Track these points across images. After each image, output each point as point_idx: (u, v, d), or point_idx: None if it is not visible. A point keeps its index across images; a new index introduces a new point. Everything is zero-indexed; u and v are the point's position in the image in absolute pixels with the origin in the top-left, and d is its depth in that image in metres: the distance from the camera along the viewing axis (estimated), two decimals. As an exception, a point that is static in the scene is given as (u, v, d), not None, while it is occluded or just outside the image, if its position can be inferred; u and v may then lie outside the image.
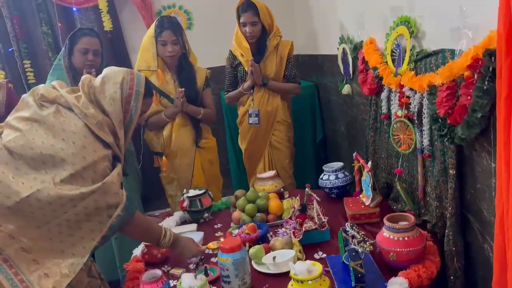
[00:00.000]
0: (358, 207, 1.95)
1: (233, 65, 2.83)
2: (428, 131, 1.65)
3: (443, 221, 1.66)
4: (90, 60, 2.38)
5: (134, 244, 2.50)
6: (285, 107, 2.88)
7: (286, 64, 2.78)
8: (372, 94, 2.09)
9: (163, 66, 2.61)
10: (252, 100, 2.77)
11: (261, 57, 2.72)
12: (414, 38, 1.73)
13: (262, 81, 2.69)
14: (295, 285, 1.37)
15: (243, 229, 1.87)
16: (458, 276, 1.57)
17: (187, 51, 2.66)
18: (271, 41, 2.73)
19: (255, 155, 2.91)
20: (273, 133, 2.84)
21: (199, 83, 2.65)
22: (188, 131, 2.66)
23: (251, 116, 2.78)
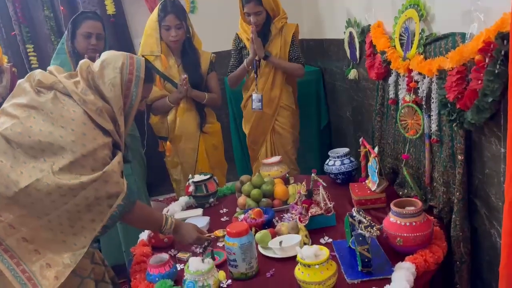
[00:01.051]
0: (364, 192, 1.95)
1: (238, 48, 2.81)
2: (436, 116, 1.64)
3: (450, 207, 1.66)
4: (93, 44, 2.36)
5: (140, 230, 2.51)
6: (290, 93, 2.85)
7: (290, 46, 2.74)
8: (380, 79, 2.07)
9: (167, 50, 2.59)
10: (256, 84, 2.75)
11: (266, 41, 2.69)
12: (423, 21, 1.70)
13: (264, 53, 2.66)
14: (302, 269, 1.38)
15: (249, 214, 1.88)
16: (464, 261, 1.58)
17: (191, 35, 2.63)
18: (275, 24, 2.69)
19: (258, 140, 2.90)
20: (277, 118, 2.83)
21: (203, 67, 2.63)
22: (192, 115, 2.65)
23: (254, 101, 2.76)
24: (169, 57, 2.60)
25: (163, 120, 2.67)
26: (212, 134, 2.74)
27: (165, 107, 2.62)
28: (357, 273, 1.45)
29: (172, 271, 1.54)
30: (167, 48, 2.59)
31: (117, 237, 2.56)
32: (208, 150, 2.73)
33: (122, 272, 2.61)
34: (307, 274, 1.35)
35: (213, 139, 2.75)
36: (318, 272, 1.34)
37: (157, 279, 1.50)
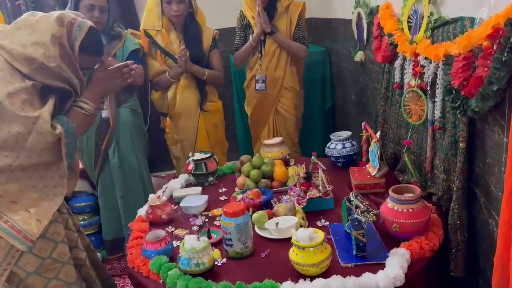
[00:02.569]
0: (363, 177, 1.94)
1: (243, 25, 2.76)
2: (440, 103, 1.61)
3: (449, 194, 1.64)
4: (96, 17, 2.32)
5: (139, 204, 2.53)
6: (294, 74, 2.81)
7: (296, 25, 2.69)
8: (386, 62, 2.03)
9: (169, 25, 2.56)
10: (260, 64, 2.71)
11: (271, 18, 2.64)
12: (432, 4, 1.65)
13: (271, 28, 2.61)
14: (296, 251, 1.38)
15: (247, 194, 1.88)
16: (460, 248, 1.57)
17: (194, 10, 2.58)
18: (282, 2, 2.64)
19: (260, 120, 2.88)
20: (280, 99, 2.80)
21: (205, 44, 2.59)
22: (192, 93, 2.63)
23: (258, 81, 2.74)
24: (171, 32, 2.57)
25: (164, 96, 2.66)
26: (212, 112, 2.72)
27: (166, 82, 2.60)
28: (352, 257, 1.46)
29: (168, 248, 1.55)
30: (169, 22, 2.55)
31: (117, 212, 2.58)
32: (208, 129, 2.72)
33: (122, 245, 2.64)
34: (301, 256, 1.36)
35: (213, 117, 2.74)
36: (312, 255, 1.35)
37: (153, 255, 1.51)
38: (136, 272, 1.52)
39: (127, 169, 2.54)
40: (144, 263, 1.51)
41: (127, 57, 2.44)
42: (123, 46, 2.46)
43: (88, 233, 2.71)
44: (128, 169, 2.54)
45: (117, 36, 2.46)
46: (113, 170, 2.52)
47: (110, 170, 2.54)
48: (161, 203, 1.85)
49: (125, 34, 2.51)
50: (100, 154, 2.52)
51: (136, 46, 2.50)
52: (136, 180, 2.57)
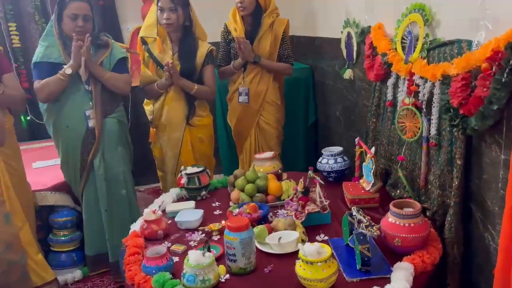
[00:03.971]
0: (358, 191, 1.97)
1: (226, 40, 2.78)
2: (436, 120, 1.67)
3: (444, 209, 1.70)
4: (80, 26, 2.28)
5: (124, 218, 2.48)
6: (276, 88, 2.85)
7: (281, 44, 2.73)
8: (378, 80, 2.09)
9: (165, 35, 2.55)
10: (243, 78, 2.73)
11: (255, 35, 2.67)
12: (427, 26, 1.73)
13: (254, 58, 2.64)
14: (303, 266, 1.38)
15: (244, 209, 1.87)
16: (457, 262, 1.62)
17: (192, 24, 2.57)
18: (266, 19, 2.67)
19: (243, 133, 2.89)
20: (262, 113, 2.82)
21: (198, 58, 2.58)
22: (180, 105, 2.60)
23: (241, 94, 2.75)
24: (165, 42, 2.55)
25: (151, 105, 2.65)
26: (199, 127, 2.68)
27: (154, 92, 2.58)
28: (356, 271, 1.47)
29: (169, 264, 1.51)
30: (165, 32, 2.54)
31: (100, 226, 2.50)
32: (193, 143, 2.69)
33: (104, 261, 2.56)
34: (309, 271, 1.36)
35: (200, 132, 2.70)
36: (320, 270, 1.35)
37: (154, 272, 1.47)
38: (136, 289, 1.48)
39: (112, 182, 2.47)
40: (145, 280, 1.47)
41: (114, 65, 2.42)
42: (110, 54, 2.43)
43: (70, 249, 2.62)
44: (114, 181, 2.48)
45: (104, 45, 2.43)
46: (98, 182, 2.45)
47: (95, 182, 2.46)
48: (156, 217, 1.81)
49: (112, 43, 2.48)
50: (85, 165, 2.45)
51: (123, 54, 2.48)
52: (121, 193, 2.51)
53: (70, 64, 2.29)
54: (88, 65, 2.31)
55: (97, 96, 2.39)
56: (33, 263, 2.35)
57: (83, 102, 2.38)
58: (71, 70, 2.29)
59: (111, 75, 2.38)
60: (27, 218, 2.34)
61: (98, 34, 2.41)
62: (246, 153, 2.93)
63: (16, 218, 2.28)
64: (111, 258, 2.52)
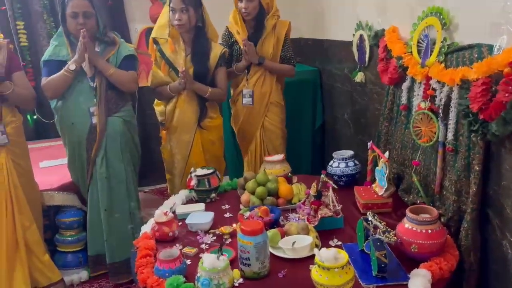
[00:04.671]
0: (370, 196, 1.95)
1: (228, 43, 2.75)
2: (453, 125, 1.65)
3: (459, 216, 1.68)
4: (81, 23, 2.27)
5: (124, 218, 2.46)
6: (279, 89, 2.83)
7: (283, 45, 2.71)
8: (392, 84, 2.07)
9: (177, 36, 2.52)
10: (247, 80, 2.71)
11: (259, 37, 2.65)
12: (445, 30, 1.71)
13: (258, 60, 2.63)
14: (320, 271, 1.35)
15: (256, 212, 1.84)
16: (473, 269, 1.60)
17: (204, 25, 2.55)
18: (269, 21, 2.65)
19: (248, 135, 2.87)
20: (266, 114, 2.79)
21: (212, 61, 2.55)
22: (192, 108, 2.57)
23: (245, 96, 2.73)
24: (177, 43, 2.53)
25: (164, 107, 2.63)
26: (210, 129, 2.64)
27: (166, 94, 2.56)
28: (372, 277, 1.45)
29: (182, 267, 1.49)
30: (178, 33, 2.52)
31: (100, 227, 2.47)
32: (204, 145, 2.66)
33: (103, 262, 2.52)
34: (325, 277, 1.33)
35: (211, 134, 2.66)
36: (337, 276, 1.32)
37: (167, 275, 1.45)
38: (148, 292, 1.45)
39: (113, 181, 2.46)
40: (158, 283, 1.45)
41: (121, 62, 2.41)
42: (117, 52, 2.42)
43: (76, 249, 2.59)
44: (115, 181, 2.46)
45: (111, 42, 2.43)
46: (100, 180, 2.43)
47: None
48: (167, 219, 1.78)
49: (120, 41, 2.47)
50: (90, 162, 2.44)
51: (130, 52, 2.46)
52: (122, 194, 2.49)
53: (74, 59, 2.30)
54: (91, 59, 2.31)
55: (102, 93, 2.38)
56: (40, 263, 2.34)
57: (88, 99, 2.38)
58: (75, 65, 2.29)
59: (115, 71, 2.37)
60: (34, 217, 2.32)
61: (104, 31, 2.39)
62: (252, 155, 2.90)
63: (23, 217, 2.26)
64: (109, 259, 2.48)
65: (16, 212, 2.23)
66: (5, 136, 2.18)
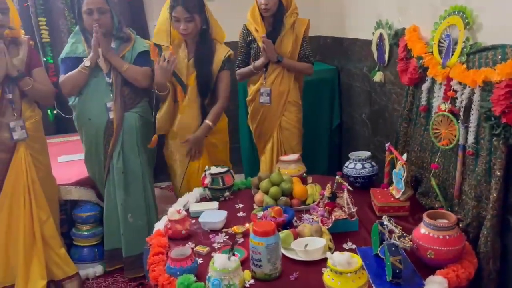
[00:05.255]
0: (387, 199, 1.91)
1: (246, 41, 2.72)
2: (474, 128, 1.60)
3: (479, 222, 1.62)
4: (97, 19, 2.30)
5: (140, 212, 2.47)
6: (297, 88, 2.79)
7: (301, 44, 2.67)
8: (412, 84, 2.02)
9: (180, 41, 2.47)
10: (265, 79, 2.68)
11: (277, 35, 2.62)
12: (468, 29, 1.65)
13: (277, 58, 2.59)
14: (332, 276, 1.33)
15: (269, 212, 1.83)
16: (492, 278, 1.55)
17: (209, 27, 2.46)
18: (288, 19, 2.61)
19: (265, 135, 2.84)
20: (284, 113, 2.76)
21: (215, 64, 2.46)
22: (193, 114, 2.50)
23: (263, 95, 2.70)
24: (180, 48, 2.46)
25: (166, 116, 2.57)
26: (213, 132, 2.56)
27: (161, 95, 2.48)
28: (386, 283, 1.41)
29: (193, 266, 1.49)
30: (180, 38, 2.46)
31: (116, 221, 2.50)
32: (207, 148, 2.59)
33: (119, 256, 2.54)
34: (338, 281, 1.31)
35: (213, 137, 2.59)
36: (350, 281, 1.30)
37: (178, 273, 1.45)
38: (160, 290, 1.46)
39: (130, 176, 2.48)
40: (169, 281, 1.45)
41: (135, 58, 2.43)
42: (132, 48, 2.44)
43: (92, 244, 2.63)
44: (131, 175, 2.48)
45: (127, 38, 2.45)
46: (116, 175, 2.46)
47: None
48: (181, 217, 1.78)
49: (135, 37, 2.49)
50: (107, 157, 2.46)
51: (145, 48, 2.47)
52: (138, 188, 2.51)
53: (90, 56, 2.33)
54: (105, 55, 2.33)
55: (118, 89, 2.40)
56: (56, 256, 2.37)
57: (105, 95, 2.40)
58: (90, 62, 2.33)
59: (129, 67, 2.38)
60: (51, 212, 2.36)
61: (120, 28, 2.41)
62: (268, 154, 2.88)
63: (40, 211, 2.30)
64: (125, 253, 2.50)
65: (34, 206, 2.26)
66: (24, 131, 2.21)
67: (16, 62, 2.17)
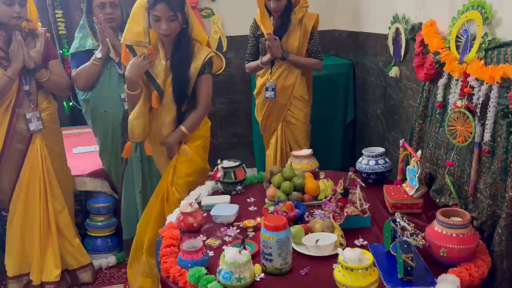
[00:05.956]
0: (400, 196, 1.89)
1: (255, 35, 2.71)
2: (491, 125, 1.57)
3: (493, 220, 1.60)
4: (109, 13, 2.33)
5: None
6: (304, 83, 2.75)
7: (310, 39, 2.63)
8: (428, 80, 1.99)
9: (158, 41, 2.15)
10: (271, 73, 2.66)
11: (284, 31, 2.59)
12: (486, 25, 1.62)
13: (282, 54, 2.57)
14: (343, 272, 1.33)
15: (281, 207, 1.83)
16: (506, 277, 1.52)
17: (189, 26, 2.15)
18: (296, 14, 2.57)
19: (270, 128, 2.83)
20: (289, 108, 2.73)
21: (194, 67, 2.14)
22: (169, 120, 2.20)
23: (268, 89, 2.68)
24: (158, 50, 2.15)
25: None
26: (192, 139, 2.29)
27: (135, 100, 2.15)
28: (397, 280, 1.40)
29: (204, 259, 1.50)
30: (157, 38, 2.15)
31: (135, 211, 2.52)
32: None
33: None
34: (348, 277, 1.30)
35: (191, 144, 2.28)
36: (361, 277, 1.29)
37: (190, 266, 1.46)
38: (171, 282, 1.47)
39: (147, 164, 2.50)
40: (180, 273, 1.46)
41: None
42: None
43: (105, 234, 2.67)
44: (149, 164, 2.50)
45: None
46: (134, 163, 2.47)
47: None
48: (193, 210, 1.80)
49: None
50: None
51: None
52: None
53: (100, 48, 2.35)
54: (114, 46, 2.34)
55: None
56: (70, 246, 2.42)
57: (118, 86, 2.43)
58: (101, 53, 2.35)
59: None
60: (66, 202, 2.40)
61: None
62: (272, 148, 2.86)
63: (55, 202, 2.34)
64: (157, 251, 2.51)
65: (49, 197, 2.31)
66: (41, 122, 2.25)
67: (33, 54, 2.21)
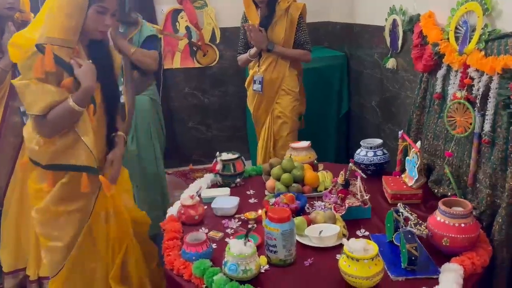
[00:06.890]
0: (399, 186, 1.91)
1: (245, 27, 2.69)
2: (491, 116, 1.58)
3: (493, 210, 1.62)
4: None
5: (155, 194, 2.47)
6: (294, 76, 2.68)
7: (297, 29, 2.58)
8: (426, 71, 2.00)
9: None
10: (258, 66, 2.65)
11: (269, 22, 2.55)
12: (486, 16, 1.63)
13: (267, 46, 2.54)
14: (348, 262, 1.33)
15: (281, 199, 1.83)
16: (505, 266, 1.55)
17: None
18: (280, 5, 2.52)
19: (259, 121, 2.81)
20: (277, 101, 2.68)
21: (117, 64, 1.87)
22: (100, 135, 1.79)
23: (255, 83, 2.65)
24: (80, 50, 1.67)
25: None
26: None
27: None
28: (401, 270, 1.42)
29: (209, 251, 1.50)
30: None
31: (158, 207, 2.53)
32: None
33: None
34: (354, 268, 1.31)
35: None
36: (366, 267, 1.30)
37: (194, 258, 1.46)
38: (175, 274, 1.46)
39: (144, 159, 2.50)
40: (185, 266, 1.45)
41: (143, 42, 2.45)
42: (139, 31, 2.46)
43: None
44: (146, 159, 2.51)
45: (134, 22, 2.47)
46: (131, 158, 2.46)
47: None
48: (194, 203, 1.79)
49: (142, 21, 2.51)
50: None
51: (152, 32, 2.50)
52: (153, 171, 2.53)
53: None
54: (113, 40, 2.31)
55: (127, 72, 2.39)
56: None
57: None
58: None
59: (136, 50, 2.37)
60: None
61: (128, 12, 2.42)
62: (261, 141, 2.85)
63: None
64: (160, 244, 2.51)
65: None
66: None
67: None
